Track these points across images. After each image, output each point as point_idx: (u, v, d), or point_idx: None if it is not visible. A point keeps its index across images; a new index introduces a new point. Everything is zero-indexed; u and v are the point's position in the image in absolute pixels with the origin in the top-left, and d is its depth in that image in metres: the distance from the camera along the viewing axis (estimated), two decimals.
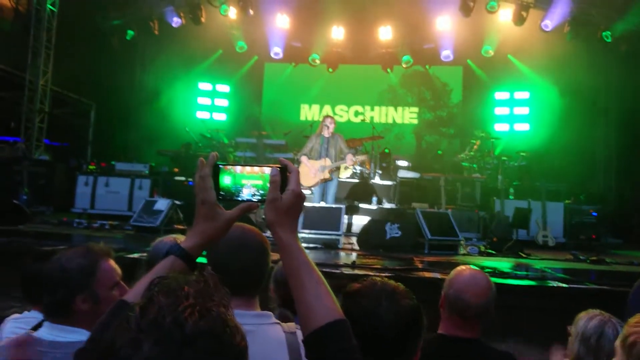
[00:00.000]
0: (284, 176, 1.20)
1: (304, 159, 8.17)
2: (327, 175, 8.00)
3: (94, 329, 1.11)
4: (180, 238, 2.47)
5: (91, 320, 1.32)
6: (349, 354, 1.12)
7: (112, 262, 1.91)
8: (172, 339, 0.74)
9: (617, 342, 1.81)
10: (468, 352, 2.12)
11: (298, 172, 1.22)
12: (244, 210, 1.25)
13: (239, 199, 1.27)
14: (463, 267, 2.29)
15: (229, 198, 1.27)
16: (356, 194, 9.59)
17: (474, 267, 2.31)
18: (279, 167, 1.20)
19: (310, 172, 8.08)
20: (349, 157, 8.03)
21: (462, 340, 2.10)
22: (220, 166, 1.25)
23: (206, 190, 1.21)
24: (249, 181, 1.27)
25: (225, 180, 1.26)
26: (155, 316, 0.76)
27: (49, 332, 1.72)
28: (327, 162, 7.97)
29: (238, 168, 1.28)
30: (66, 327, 1.73)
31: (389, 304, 1.39)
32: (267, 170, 1.22)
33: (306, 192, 8.68)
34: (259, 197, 1.26)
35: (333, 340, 1.10)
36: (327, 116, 8.43)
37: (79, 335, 1.67)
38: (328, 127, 8.09)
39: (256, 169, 1.27)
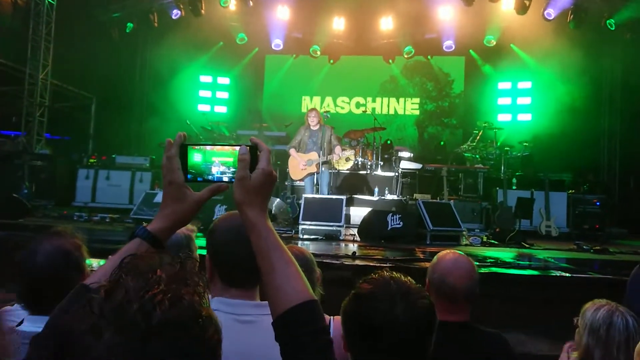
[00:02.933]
0: (254, 155, 1.15)
1: (292, 151, 8.19)
2: (315, 169, 8.03)
3: (52, 314, 1.06)
4: (193, 228, 2.43)
5: None
6: (320, 335, 1.08)
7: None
8: (136, 329, 0.68)
9: (637, 349, 1.77)
10: (460, 336, 2.09)
11: (269, 151, 1.17)
12: (213, 191, 1.21)
13: (209, 178, 1.23)
14: (446, 251, 2.28)
15: (199, 176, 1.23)
16: (348, 185, 9.57)
17: (458, 251, 2.29)
18: (248, 146, 1.16)
19: (299, 165, 8.12)
20: (337, 150, 8.10)
21: (453, 324, 2.07)
22: (188, 146, 1.21)
23: (173, 171, 1.18)
24: (219, 158, 1.23)
25: (196, 157, 1.22)
26: (120, 302, 0.70)
27: (35, 325, 1.65)
28: (315, 155, 8.01)
29: (208, 147, 1.23)
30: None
31: (405, 306, 1.34)
32: (238, 148, 1.18)
33: (298, 184, 8.70)
34: (230, 176, 1.21)
35: (303, 322, 1.07)
36: (312, 109, 8.44)
37: None
38: (312, 120, 8.11)
39: (227, 147, 1.23)
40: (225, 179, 1.22)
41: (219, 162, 1.22)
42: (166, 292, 0.72)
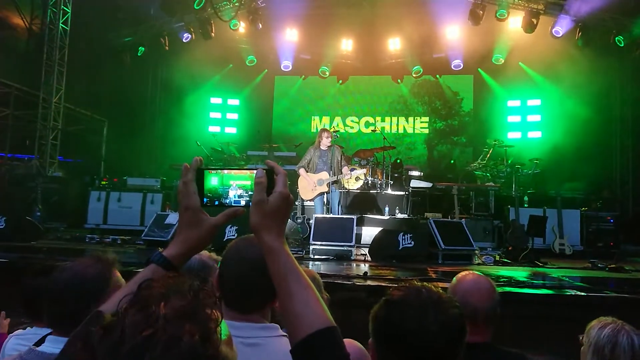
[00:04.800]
0: (271, 178, 1.14)
1: (302, 171, 8.18)
2: (325, 189, 8.03)
3: (67, 341, 1.05)
4: (213, 256, 2.43)
5: None
6: None
7: (118, 272, 1.88)
8: None
9: None
10: (482, 357, 2.05)
11: (285, 174, 1.16)
12: (229, 216, 1.19)
13: (226, 202, 1.22)
14: (465, 272, 2.25)
15: (216, 199, 1.22)
16: (359, 204, 9.55)
17: (477, 272, 2.27)
18: (264, 169, 1.15)
19: (309, 186, 8.11)
20: (345, 171, 8.15)
21: (475, 345, 2.03)
22: (205, 171, 1.21)
23: (189, 196, 1.17)
24: (237, 181, 1.22)
25: (213, 181, 1.22)
26: (114, 341, 0.68)
27: (54, 346, 1.66)
28: (325, 175, 8.02)
29: (225, 170, 1.24)
30: None
31: (436, 314, 1.33)
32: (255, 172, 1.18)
33: (309, 204, 8.69)
34: (247, 199, 1.20)
35: (323, 349, 1.04)
36: (324, 129, 8.44)
37: None
38: (324, 141, 8.14)
39: (245, 170, 1.24)
40: (243, 202, 1.21)
41: (236, 185, 1.22)
42: (164, 331, 0.69)
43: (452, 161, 13.29)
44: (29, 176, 10.14)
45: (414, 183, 10.03)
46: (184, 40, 12.87)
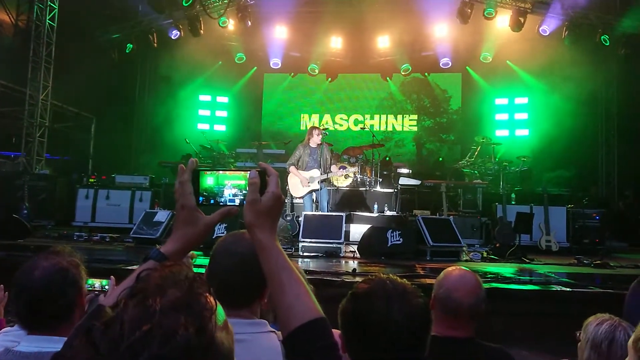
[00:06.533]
0: (263, 179, 1.19)
1: (292, 169, 8.19)
2: (316, 186, 8.06)
3: (70, 334, 1.08)
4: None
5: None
6: (330, 351, 1.10)
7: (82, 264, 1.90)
8: None
9: (630, 343, 1.77)
10: (464, 351, 2.08)
11: (277, 175, 1.21)
12: (224, 214, 1.24)
13: (221, 200, 1.26)
14: (452, 267, 2.28)
15: (211, 198, 1.26)
16: (348, 202, 9.57)
17: (465, 268, 2.29)
18: (258, 171, 1.20)
19: (300, 183, 8.13)
20: (334, 169, 8.29)
21: (457, 340, 2.06)
22: (200, 171, 1.26)
23: (185, 196, 1.22)
24: (231, 181, 1.27)
25: (208, 181, 1.26)
26: (114, 337, 0.69)
27: (32, 345, 1.66)
28: (316, 173, 8.05)
29: (220, 171, 1.29)
30: (51, 337, 1.69)
31: (400, 305, 1.37)
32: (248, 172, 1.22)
33: (298, 201, 8.70)
34: (242, 198, 1.25)
35: (313, 338, 1.10)
36: (315, 127, 8.46)
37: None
38: (315, 138, 8.17)
39: (238, 171, 1.29)
40: (237, 201, 1.27)
41: (230, 184, 1.27)
42: (160, 326, 0.70)
43: (440, 159, 13.36)
44: (16, 174, 10.05)
45: (403, 180, 10.07)
46: (172, 38, 12.82)
